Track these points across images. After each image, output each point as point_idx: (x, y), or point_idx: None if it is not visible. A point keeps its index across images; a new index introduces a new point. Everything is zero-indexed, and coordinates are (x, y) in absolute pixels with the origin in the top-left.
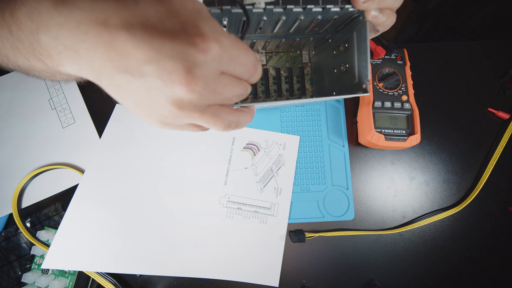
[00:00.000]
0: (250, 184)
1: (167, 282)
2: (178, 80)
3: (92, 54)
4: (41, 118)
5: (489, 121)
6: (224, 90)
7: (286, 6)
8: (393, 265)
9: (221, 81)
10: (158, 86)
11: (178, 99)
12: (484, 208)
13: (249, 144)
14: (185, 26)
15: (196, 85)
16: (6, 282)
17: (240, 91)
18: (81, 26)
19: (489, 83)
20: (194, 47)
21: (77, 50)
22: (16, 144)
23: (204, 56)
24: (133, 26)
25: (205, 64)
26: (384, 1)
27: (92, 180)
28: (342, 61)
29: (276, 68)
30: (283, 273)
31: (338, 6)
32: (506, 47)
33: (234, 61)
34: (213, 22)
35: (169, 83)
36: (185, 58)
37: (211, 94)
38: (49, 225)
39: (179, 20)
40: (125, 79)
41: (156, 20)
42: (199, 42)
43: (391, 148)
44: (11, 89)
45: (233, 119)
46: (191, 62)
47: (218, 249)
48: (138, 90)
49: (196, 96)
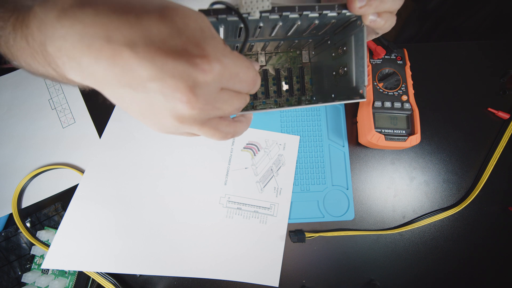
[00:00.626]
0: (250, 184)
1: (167, 282)
2: (180, 98)
3: (94, 67)
4: (41, 118)
5: (489, 121)
6: (223, 105)
7: (282, 13)
8: (393, 265)
9: (221, 97)
10: (161, 102)
11: (179, 114)
12: (484, 208)
13: (249, 144)
14: (187, 46)
15: (197, 102)
16: (6, 282)
17: (240, 104)
18: (84, 39)
19: (489, 83)
20: (196, 67)
21: (80, 62)
22: (16, 144)
23: (206, 77)
24: (136, 44)
25: (206, 83)
26: (382, 5)
27: (92, 180)
28: (341, 64)
29: (275, 68)
30: (283, 273)
31: (335, 11)
32: (506, 47)
33: (234, 78)
34: (215, 40)
35: (172, 100)
36: (187, 78)
37: (211, 110)
38: (49, 225)
39: (181, 40)
40: (128, 92)
41: (159, 39)
42: (201, 63)
43: (391, 148)
44: (11, 89)
45: (230, 130)
46: (193, 81)
47: (218, 249)
48: (141, 103)
49: (197, 112)
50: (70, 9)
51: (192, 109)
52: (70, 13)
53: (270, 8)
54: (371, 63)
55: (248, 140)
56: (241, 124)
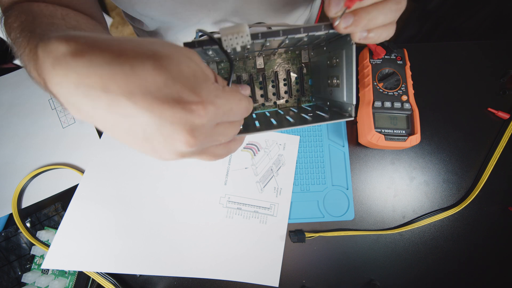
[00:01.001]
0: (250, 184)
1: (167, 282)
2: (179, 140)
3: (93, 113)
4: (41, 118)
5: (489, 121)
6: (220, 137)
7: (266, 38)
8: (393, 265)
9: (217, 131)
10: (161, 143)
11: (179, 152)
12: (484, 208)
13: (249, 144)
14: (182, 94)
15: (196, 142)
16: (6, 282)
17: (235, 131)
18: (80, 88)
19: (489, 83)
20: (192, 113)
21: (79, 108)
22: (17, 144)
23: (202, 120)
24: (132, 94)
25: (203, 125)
26: (372, 22)
27: (92, 180)
28: (334, 74)
29: (274, 71)
30: (283, 273)
31: (321, 31)
32: (506, 47)
33: (228, 113)
34: (207, 83)
35: (171, 142)
36: (185, 123)
37: (208, 142)
38: (49, 225)
39: (176, 88)
40: (128, 134)
41: (155, 88)
42: (196, 110)
43: (391, 148)
44: (11, 89)
45: (225, 152)
46: (190, 125)
47: (218, 249)
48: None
49: (196, 148)
50: (63, 58)
51: (191, 147)
52: (63, 62)
53: (250, 42)
54: (371, 63)
55: (248, 140)
56: (235, 142)
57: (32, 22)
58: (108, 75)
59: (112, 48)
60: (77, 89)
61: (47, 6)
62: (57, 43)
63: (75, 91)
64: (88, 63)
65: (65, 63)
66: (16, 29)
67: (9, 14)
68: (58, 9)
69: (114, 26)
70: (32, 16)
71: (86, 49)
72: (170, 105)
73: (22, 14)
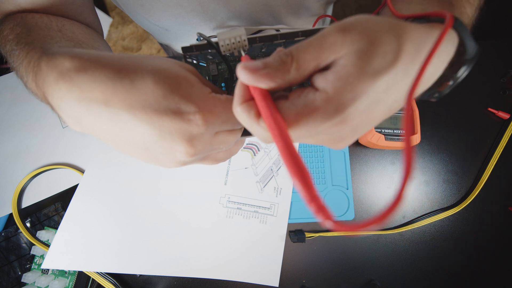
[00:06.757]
0: (250, 184)
1: (167, 282)
2: (179, 150)
3: (94, 127)
4: (41, 118)
5: (489, 121)
6: (219, 145)
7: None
8: (393, 265)
9: (217, 140)
10: (161, 153)
11: (180, 160)
12: (484, 208)
13: (249, 144)
14: (180, 105)
15: (195, 151)
16: (6, 282)
17: (234, 139)
18: (83, 103)
19: (489, 83)
20: (190, 123)
21: (80, 122)
22: (17, 144)
23: (199, 129)
24: (133, 107)
25: (201, 134)
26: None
27: (92, 180)
28: None
29: None
30: (283, 273)
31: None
32: (506, 47)
33: (226, 122)
34: (204, 94)
35: (172, 152)
36: (184, 133)
37: (209, 151)
38: (49, 225)
39: (174, 100)
40: (129, 146)
41: (154, 101)
42: (194, 120)
43: (391, 148)
44: (11, 89)
45: (226, 156)
46: (189, 135)
47: (218, 249)
48: (143, 153)
49: (196, 157)
50: (67, 73)
51: (191, 156)
52: (67, 77)
53: (248, 47)
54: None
55: (248, 140)
56: (236, 146)
57: (28, 35)
58: (109, 90)
59: (113, 64)
60: (80, 104)
61: (41, 17)
62: (62, 58)
63: (78, 105)
64: (91, 78)
65: (68, 78)
66: (12, 41)
67: (3, 26)
68: (53, 20)
69: (114, 26)
70: (27, 28)
71: (89, 65)
72: (169, 116)
73: (17, 26)
